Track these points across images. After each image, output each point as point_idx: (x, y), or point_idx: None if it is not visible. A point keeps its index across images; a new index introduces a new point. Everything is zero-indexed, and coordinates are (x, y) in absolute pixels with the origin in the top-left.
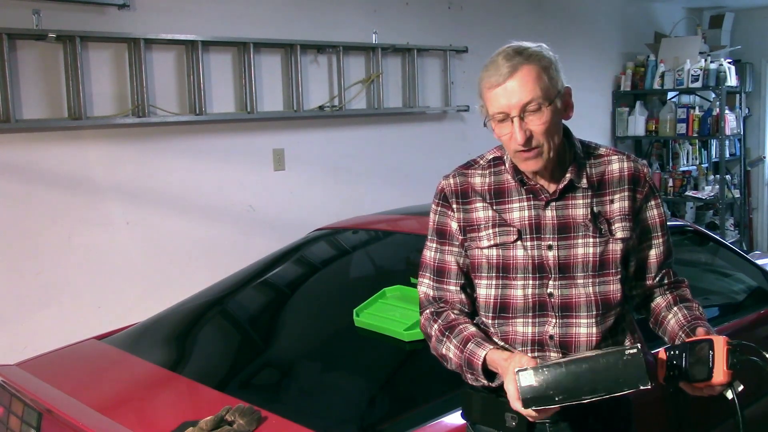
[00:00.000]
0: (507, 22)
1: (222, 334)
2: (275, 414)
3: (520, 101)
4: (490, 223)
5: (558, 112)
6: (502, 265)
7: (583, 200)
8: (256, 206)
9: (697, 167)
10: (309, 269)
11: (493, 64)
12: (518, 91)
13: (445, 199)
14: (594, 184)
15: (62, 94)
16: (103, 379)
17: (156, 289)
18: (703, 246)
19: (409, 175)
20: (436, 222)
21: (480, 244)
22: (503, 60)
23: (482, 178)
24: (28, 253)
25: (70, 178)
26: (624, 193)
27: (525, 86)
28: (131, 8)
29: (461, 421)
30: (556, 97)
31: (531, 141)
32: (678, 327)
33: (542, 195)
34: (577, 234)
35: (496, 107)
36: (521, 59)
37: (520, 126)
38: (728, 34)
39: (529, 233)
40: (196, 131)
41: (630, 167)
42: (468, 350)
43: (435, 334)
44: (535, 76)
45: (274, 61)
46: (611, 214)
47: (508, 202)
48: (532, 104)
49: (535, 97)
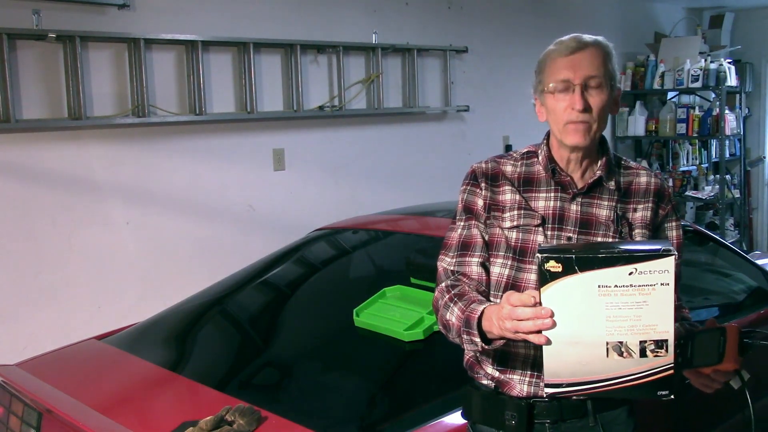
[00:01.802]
0: (507, 22)
1: (222, 334)
2: (275, 414)
3: (587, 73)
4: (516, 206)
5: (611, 101)
6: (520, 248)
7: (609, 202)
8: (256, 206)
9: (697, 167)
10: (309, 269)
11: (562, 42)
12: (586, 64)
13: (475, 178)
14: (621, 190)
15: (62, 94)
16: (103, 379)
17: (156, 289)
18: (703, 246)
19: (409, 175)
20: (465, 201)
21: (502, 224)
22: (572, 40)
23: (513, 168)
24: (28, 253)
25: (70, 178)
26: (648, 205)
27: (593, 61)
28: (131, 8)
29: (461, 421)
30: (614, 86)
31: (586, 113)
32: (681, 328)
33: (570, 189)
34: (598, 231)
35: (561, 75)
36: (590, 41)
37: (581, 94)
38: (728, 34)
39: (552, 222)
40: (196, 131)
41: (657, 183)
42: (469, 308)
43: (444, 302)
44: (603, 57)
45: (274, 61)
46: (633, 221)
47: (536, 191)
48: (595, 79)
49: (600, 74)
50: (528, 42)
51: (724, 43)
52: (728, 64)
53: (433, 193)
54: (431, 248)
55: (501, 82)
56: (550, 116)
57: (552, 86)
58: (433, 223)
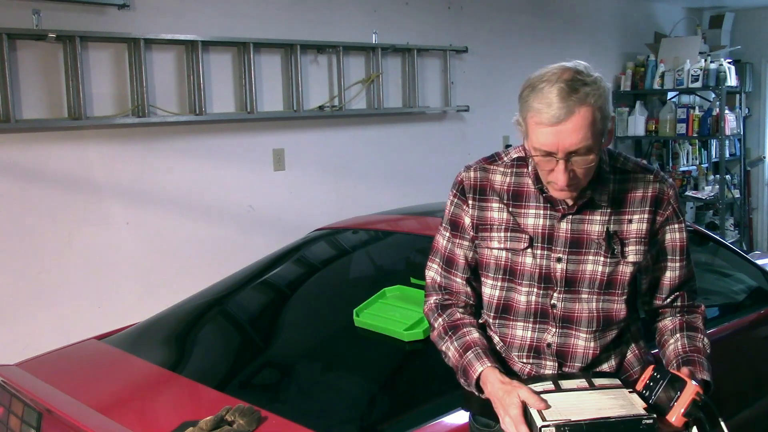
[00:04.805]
0: (507, 22)
1: (222, 334)
2: (275, 414)
3: (570, 147)
4: (503, 226)
5: (601, 149)
6: (510, 268)
7: (601, 217)
8: (256, 206)
9: (697, 167)
10: (309, 269)
11: (545, 96)
12: (570, 137)
13: (463, 192)
14: (615, 201)
15: (62, 94)
16: (103, 379)
17: (156, 289)
18: (703, 246)
19: (409, 175)
20: (451, 213)
21: (490, 245)
22: (557, 98)
23: (503, 177)
24: (28, 253)
25: (70, 178)
26: (644, 215)
27: (578, 132)
28: (131, 8)
29: (461, 421)
30: (605, 132)
31: (571, 182)
32: (674, 355)
33: (560, 206)
34: (589, 250)
35: (542, 145)
36: (577, 100)
37: (564, 168)
38: (728, 34)
39: (541, 242)
40: (196, 131)
41: (655, 188)
42: (466, 359)
43: (438, 329)
44: (590, 121)
45: (274, 61)
46: (627, 235)
47: (525, 207)
48: (582, 149)
49: (586, 143)
50: (528, 42)
51: (724, 43)
52: (728, 64)
53: (433, 193)
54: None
55: (501, 82)
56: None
57: (534, 152)
58: (433, 223)
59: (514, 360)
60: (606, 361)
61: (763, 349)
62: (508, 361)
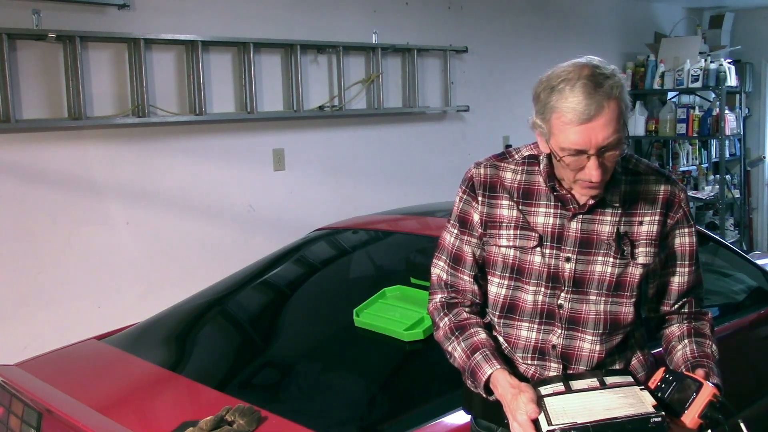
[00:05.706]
0: (507, 22)
1: (222, 334)
2: (275, 414)
3: (603, 142)
4: (513, 223)
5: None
6: (517, 266)
7: (612, 217)
8: (256, 206)
9: (697, 167)
10: (309, 269)
11: (570, 95)
12: (601, 132)
13: (472, 188)
14: (626, 202)
15: (62, 94)
16: (103, 379)
17: (156, 289)
18: (703, 246)
19: (409, 175)
20: (460, 209)
21: (499, 242)
22: (584, 95)
23: (513, 175)
24: (28, 252)
25: (70, 178)
26: (655, 217)
27: (608, 126)
28: (131, 8)
29: (461, 421)
30: (627, 127)
31: (603, 175)
32: (682, 361)
33: (571, 206)
34: (599, 251)
35: (573, 143)
36: (604, 95)
37: (597, 164)
38: (728, 34)
39: (550, 241)
40: (196, 131)
41: (666, 190)
42: (474, 361)
43: (444, 328)
44: (618, 113)
45: (274, 61)
46: (637, 236)
47: (535, 205)
48: (612, 143)
49: (617, 137)
50: (528, 42)
51: (724, 43)
52: (728, 64)
53: (433, 193)
54: (431, 248)
55: (501, 82)
56: (557, 164)
57: (563, 152)
58: (433, 223)
59: (518, 361)
60: (610, 365)
61: (763, 349)
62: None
